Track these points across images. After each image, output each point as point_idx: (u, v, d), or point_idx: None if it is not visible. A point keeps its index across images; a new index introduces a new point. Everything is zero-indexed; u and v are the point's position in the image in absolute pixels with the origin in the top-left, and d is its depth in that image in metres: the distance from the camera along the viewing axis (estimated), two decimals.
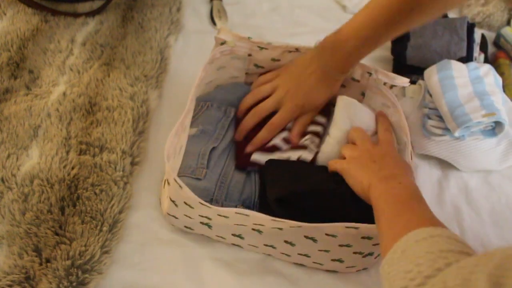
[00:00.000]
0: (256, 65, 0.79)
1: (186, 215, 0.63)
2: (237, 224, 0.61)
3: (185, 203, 0.60)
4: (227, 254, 0.66)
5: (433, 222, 0.50)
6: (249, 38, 0.75)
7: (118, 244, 0.65)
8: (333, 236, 0.58)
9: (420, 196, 0.55)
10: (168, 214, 0.65)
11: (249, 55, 0.77)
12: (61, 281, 0.58)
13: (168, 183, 0.61)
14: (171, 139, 0.62)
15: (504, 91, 0.83)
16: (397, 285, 0.41)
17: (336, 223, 0.56)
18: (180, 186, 0.58)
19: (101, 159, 0.70)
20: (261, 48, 0.76)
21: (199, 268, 0.65)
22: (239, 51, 0.76)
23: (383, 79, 0.73)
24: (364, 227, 0.56)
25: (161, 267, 0.64)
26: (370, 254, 0.62)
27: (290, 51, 0.76)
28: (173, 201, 0.62)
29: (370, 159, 0.62)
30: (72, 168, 0.69)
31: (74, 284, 0.58)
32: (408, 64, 0.91)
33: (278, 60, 0.78)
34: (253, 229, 0.61)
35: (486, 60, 0.93)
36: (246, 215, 0.57)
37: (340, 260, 0.63)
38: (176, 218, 0.64)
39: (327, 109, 0.77)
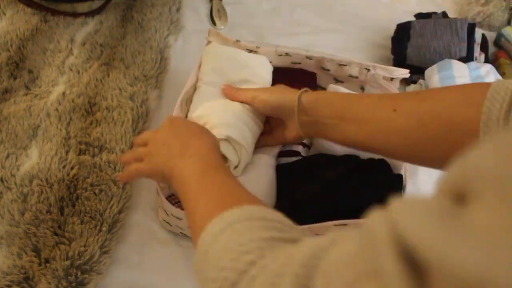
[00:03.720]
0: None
1: (178, 226, 0.63)
2: None
3: (173, 215, 0.60)
4: None
5: (233, 196, 0.44)
6: (237, 41, 0.75)
7: (118, 244, 0.65)
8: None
9: (216, 165, 0.50)
10: (164, 220, 0.65)
11: None
12: (60, 281, 0.58)
13: (158, 193, 0.61)
14: None
15: None
16: None
17: (325, 222, 0.56)
18: (163, 201, 0.59)
19: (101, 159, 0.70)
20: (250, 51, 0.76)
21: None
22: None
23: (382, 73, 0.74)
24: (353, 222, 0.56)
25: (160, 267, 0.64)
26: None
27: (280, 55, 0.76)
28: (164, 210, 0.62)
29: (158, 145, 0.56)
30: (72, 168, 0.69)
31: (73, 284, 0.58)
32: (408, 64, 0.91)
33: (270, 62, 0.78)
34: None
35: (487, 60, 0.93)
36: None
37: None
38: (170, 225, 0.64)
39: None
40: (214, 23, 0.99)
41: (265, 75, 0.73)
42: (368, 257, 0.24)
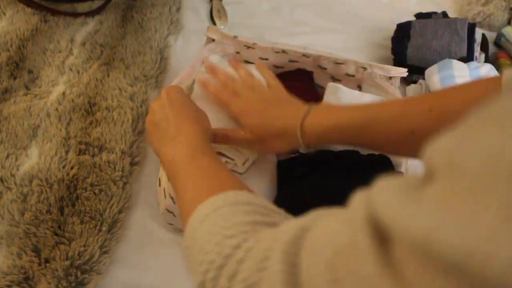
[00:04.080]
0: (246, 61, 0.79)
1: None
2: None
3: None
4: None
5: (219, 181, 0.45)
6: (235, 37, 0.75)
7: (118, 244, 0.65)
8: None
9: (203, 150, 0.50)
10: (167, 210, 0.64)
11: (237, 52, 0.78)
12: (60, 281, 0.58)
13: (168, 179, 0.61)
14: None
15: None
16: (197, 280, 0.37)
17: None
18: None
19: (101, 159, 0.70)
20: (248, 47, 0.76)
21: None
22: (227, 49, 0.77)
23: (379, 72, 0.74)
24: None
25: (160, 267, 0.64)
26: None
27: (277, 52, 0.76)
28: (172, 198, 0.61)
29: (153, 125, 0.57)
30: (71, 168, 0.69)
31: (73, 284, 0.58)
32: (408, 64, 0.91)
33: (266, 59, 0.78)
34: None
35: (487, 60, 0.93)
36: None
37: None
38: (174, 215, 0.64)
39: (317, 103, 0.77)
40: (214, 23, 0.99)
41: None
42: (346, 233, 0.26)
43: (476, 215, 0.19)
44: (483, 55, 0.93)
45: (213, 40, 0.76)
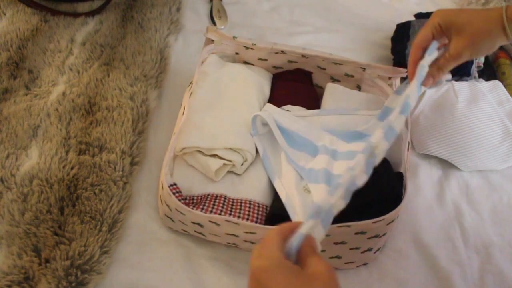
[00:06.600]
0: (246, 62, 0.79)
1: (180, 221, 0.63)
2: (228, 234, 0.61)
3: (177, 209, 0.60)
4: (226, 253, 0.66)
5: None
6: (234, 37, 0.75)
7: (118, 244, 0.65)
8: (326, 235, 0.58)
9: None
10: (166, 215, 0.65)
11: (237, 53, 0.78)
12: (60, 281, 0.58)
13: (162, 187, 0.61)
14: (172, 143, 0.64)
15: None
16: None
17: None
18: (169, 194, 0.59)
19: (101, 159, 0.70)
20: (247, 48, 0.76)
21: (198, 268, 0.64)
22: (226, 50, 0.77)
23: (378, 72, 0.74)
24: (355, 224, 0.56)
25: (160, 267, 0.64)
26: (369, 249, 0.62)
27: (276, 53, 0.76)
28: (167, 205, 0.62)
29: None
30: (72, 168, 0.69)
31: (74, 284, 0.58)
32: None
33: (266, 59, 0.78)
34: (245, 241, 0.62)
35: (487, 60, 0.93)
36: (236, 223, 0.58)
37: (338, 257, 0.62)
38: (173, 221, 0.64)
39: (317, 102, 0.77)
40: (214, 23, 0.99)
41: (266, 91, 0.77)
42: None
43: None
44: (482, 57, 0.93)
45: (212, 41, 0.76)
